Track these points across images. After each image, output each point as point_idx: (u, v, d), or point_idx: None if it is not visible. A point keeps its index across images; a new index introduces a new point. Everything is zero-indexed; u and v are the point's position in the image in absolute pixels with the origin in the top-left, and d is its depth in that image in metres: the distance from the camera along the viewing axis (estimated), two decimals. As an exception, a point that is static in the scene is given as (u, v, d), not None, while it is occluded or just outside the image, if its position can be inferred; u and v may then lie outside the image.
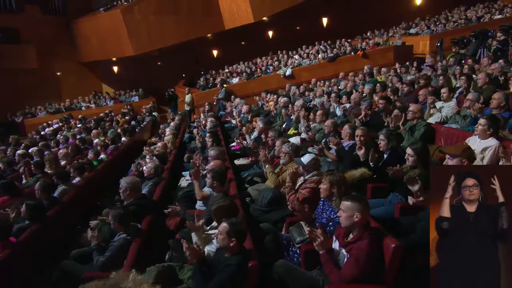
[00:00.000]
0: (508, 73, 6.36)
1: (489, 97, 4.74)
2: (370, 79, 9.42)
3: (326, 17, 17.32)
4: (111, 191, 5.82)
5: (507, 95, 4.59)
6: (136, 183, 3.89)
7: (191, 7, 15.59)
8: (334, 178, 3.01)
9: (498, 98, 4.45)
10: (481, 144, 3.71)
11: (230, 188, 4.00)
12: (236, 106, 10.40)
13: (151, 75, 17.73)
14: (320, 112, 6.22)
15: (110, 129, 10.39)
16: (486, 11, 14.59)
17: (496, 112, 4.39)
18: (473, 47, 9.22)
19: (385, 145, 4.02)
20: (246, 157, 5.91)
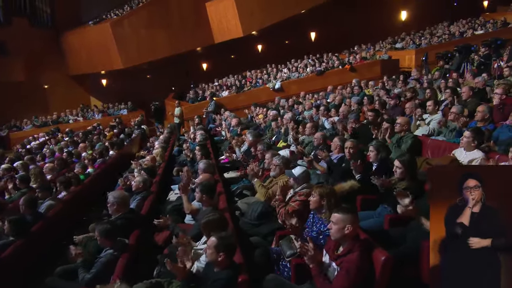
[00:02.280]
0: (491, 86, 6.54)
1: (474, 110, 4.85)
2: (358, 92, 9.56)
3: (314, 32, 17.63)
4: (99, 205, 5.71)
5: (490, 108, 4.71)
6: (124, 198, 3.83)
7: (182, 20, 15.70)
8: (324, 191, 3.02)
9: (482, 111, 4.56)
10: (466, 156, 3.78)
11: (220, 202, 3.97)
12: (226, 119, 10.41)
13: (140, 88, 17.68)
14: (310, 124, 6.27)
15: (98, 143, 10.27)
16: (469, 27, 15.05)
17: (481, 125, 4.49)
18: (457, 61, 9.46)
19: (375, 156, 4.06)
20: (236, 170, 5.90)
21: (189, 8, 15.71)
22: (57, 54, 17.18)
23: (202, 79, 17.17)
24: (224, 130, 8.81)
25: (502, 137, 4.20)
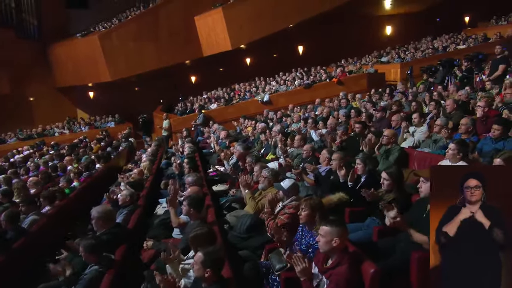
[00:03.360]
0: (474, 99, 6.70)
1: (458, 122, 4.96)
2: (345, 105, 9.68)
3: (302, 46, 17.91)
4: (84, 220, 5.58)
5: (473, 121, 4.81)
6: (108, 212, 3.76)
7: (170, 33, 15.77)
8: (313, 203, 3.02)
9: (466, 123, 4.66)
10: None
11: (208, 215, 3.93)
12: (214, 131, 10.40)
13: (128, 100, 17.59)
14: (298, 137, 6.31)
15: (84, 156, 10.12)
16: (451, 42, 15.49)
17: (465, 137, 4.58)
18: (440, 75, 9.69)
19: (362, 168, 4.10)
20: (225, 183, 5.86)
21: (178, 21, 15.82)
22: (43, 66, 17.01)
23: (191, 91, 17.19)
24: (213, 143, 8.78)
25: (485, 149, 4.29)
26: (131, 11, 17.47)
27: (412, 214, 3.01)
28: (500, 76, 7.76)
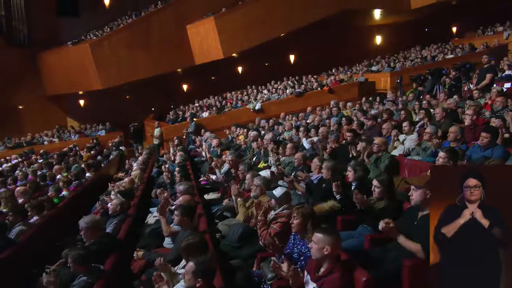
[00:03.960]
0: (463, 107, 6.81)
1: (447, 130, 5.03)
2: (336, 113, 9.76)
3: (293, 54, 18.07)
4: (74, 230, 5.49)
5: (462, 129, 4.89)
6: (96, 222, 3.71)
7: (162, 42, 15.79)
8: (305, 211, 3.01)
9: (454, 131, 4.73)
10: (442, 175, 3.87)
11: (200, 224, 3.90)
12: (206, 140, 10.37)
13: (120, 108, 17.48)
14: (290, 145, 6.32)
15: (74, 164, 9.99)
16: (439, 51, 15.79)
17: (454, 145, 4.64)
18: (429, 83, 9.85)
19: (353, 176, 4.12)
20: (216, 191, 5.84)
21: (170, 30, 15.86)
22: (33, 74, 16.85)
23: (183, 100, 17.16)
24: (204, 151, 8.75)
25: (474, 157, 4.35)
26: (122, 20, 17.46)
27: (403, 221, 3.02)
28: (488, 85, 7.92)
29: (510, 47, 14.75)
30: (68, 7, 17.60)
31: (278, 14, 15.15)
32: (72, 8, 17.80)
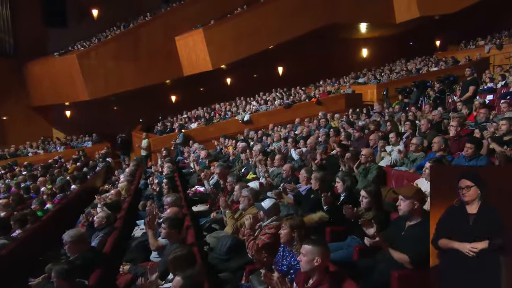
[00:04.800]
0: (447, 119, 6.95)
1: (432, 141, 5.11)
2: (324, 125, 9.84)
3: (281, 66, 18.25)
4: (58, 244, 5.35)
5: (446, 140, 4.98)
6: (81, 236, 3.62)
7: (151, 53, 15.78)
8: (294, 222, 3.00)
9: (438, 142, 4.81)
10: (428, 185, 3.92)
11: (188, 236, 3.84)
12: (194, 151, 10.32)
13: (107, 119, 17.30)
14: (279, 156, 6.33)
15: (59, 176, 9.79)
16: (424, 64, 16.16)
17: (441, 154, 4.71)
18: (414, 95, 10.05)
19: (342, 186, 4.14)
20: (205, 203, 5.79)
21: (159, 41, 15.87)
22: (18, 84, 16.59)
23: (171, 111, 17.10)
24: (192, 163, 8.70)
25: (459, 167, 4.42)
26: (111, 31, 17.42)
27: (391, 232, 3.03)
28: (471, 97, 8.11)
29: (492, 60, 15.20)
30: (56, 18, 17.51)
31: (267, 27, 15.34)
32: (60, 19, 17.71)
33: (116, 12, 18.09)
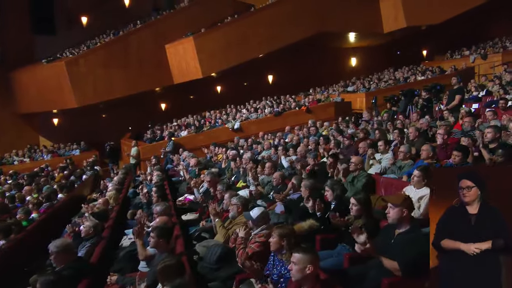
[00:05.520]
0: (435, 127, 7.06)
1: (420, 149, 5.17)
2: (314, 133, 9.90)
3: (271, 75, 18.38)
4: (43, 255, 5.23)
5: (434, 147, 5.05)
6: (67, 246, 3.55)
7: (140, 61, 15.73)
8: (283, 231, 2.99)
9: (426, 149, 4.87)
10: (416, 193, 3.96)
11: (177, 246, 3.80)
12: (184, 159, 10.26)
13: (96, 127, 17.12)
14: (269, 164, 6.32)
15: (45, 185, 9.61)
16: (411, 73, 16.45)
17: (428, 162, 4.77)
18: (402, 104, 10.20)
19: (331, 195, 4.15)
20: (194, 211, 5.74)
21: (149, 49, 15.85)
22: (5, 92, 16.33)
23: (161, 119, 17.01)
24: (182, 171, 8.63)
25: (447, 175, 4.47)
26: (100, 39, 17.34)
27: (381, 239, 3.05)
28: (457, 106, 8.27)
29: (477, 69, 15.55)
30: (44, 25, 17.36)
31: (257, 35, 15.46)
32: (48, 26, 17.56)
33: (106, 20, 18.02)
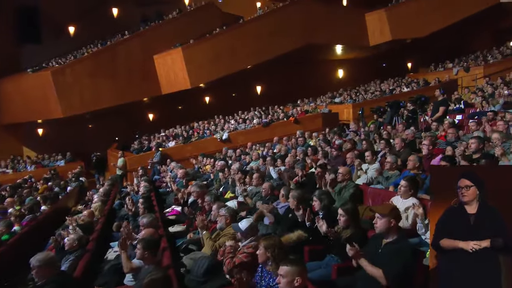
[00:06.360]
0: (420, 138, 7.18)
1: (406, 159, 5.24)
2: (302, 143, 9.95)
3: (260, 86, 18.50)
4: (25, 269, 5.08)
5: (420, 158, 5.12)
6: (50, 259, 3.45)
7: (129, 71, 15.65)
8: (269, 242, 2.97)
9: (413, 160, 4.93)
10: (403, 203, 4.00)
11: (164, 258, 3.73)
12: (172, 170, 10.16)
13: (82, 138, 16.87)
14: (257, 175, 6.31)
15: (29, 197, 9.38)
16: (397, 85, 16.77)
17: (415, 172, 4.83)
18: (389, 115, 10.36)
19: (319, 205, 4.15)
20: (182, 223, 5.66)
21: (137, 59, 15.80)
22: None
23: (148, 129, 16.88)
24: (169, 182, 8.54)
25: (433, 185, 4.53)
26: (88, 48, 17.22)
27: (368, 249, 3.05)
28: (441, 117, 8.44)
29: (460, 82, 15.96)
30: (30, 34, 17.15)
31: (245, 47, 15.59)
32: (34, 35, 17.35)
33: (94, 30, 17.95)
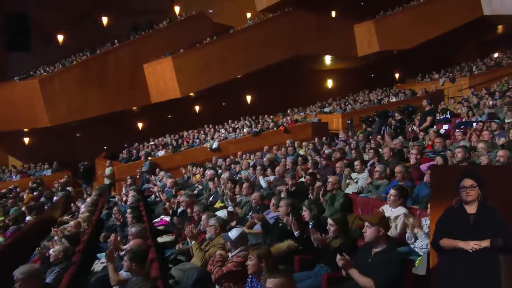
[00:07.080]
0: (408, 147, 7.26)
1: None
2: (292, 152, 9.97)
3: (250, 95, 18.57)
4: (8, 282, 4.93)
5: (407, 168, 5.18)
6: (34, 272, 3.36)
7: (118, 80, 15.55)
8: (261, 252, 2.95)
9: (400, 171, 4.97)
10: (392, 212, 4.03)
11: (152, 269, 3.67)
12: (161, 179, 10.07)
13: (69, 147, 16.63)
14: (246, 184, 6.29)
15: (13, 207, 9.18)
16: (385, 95, 17.02)
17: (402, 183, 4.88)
18: (377, 125, 10.49)
19: (308, 215, 4.16)
20: (171, 233, 5.59)
21: (126, 68, 15.73)
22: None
23: (137, 138, 16.74)
24: (157, 192, 8.44)
25: (421, 194, 4.57)
26: (76, 57, 17.09)
27: (358, 259, 3.06)
28: (428, 127, 8.58)
29: (446, 92, 16.27)
30: (19, 41, 16.98)
31: (235, 57, 15.67)
32: (23, 43, 17.18)
33: (83, 38, 17.82)
